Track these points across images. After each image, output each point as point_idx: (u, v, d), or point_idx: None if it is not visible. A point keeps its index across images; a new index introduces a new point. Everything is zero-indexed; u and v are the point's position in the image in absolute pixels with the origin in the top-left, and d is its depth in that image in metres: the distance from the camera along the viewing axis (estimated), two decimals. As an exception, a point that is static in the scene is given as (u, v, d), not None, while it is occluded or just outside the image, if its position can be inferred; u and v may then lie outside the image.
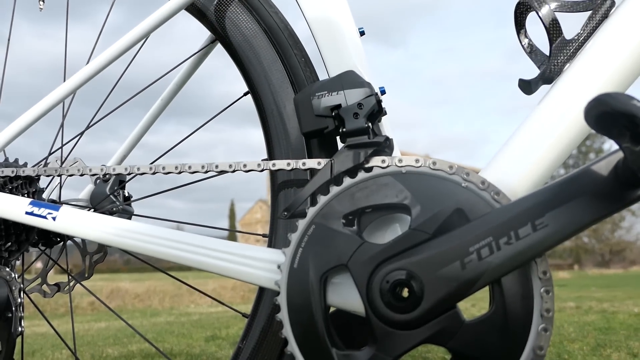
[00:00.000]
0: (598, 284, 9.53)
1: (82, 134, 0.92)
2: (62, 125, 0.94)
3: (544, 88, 0.65)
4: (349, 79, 0.66)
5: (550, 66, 0.64)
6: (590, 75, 0.61)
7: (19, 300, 0.77)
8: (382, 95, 0.68)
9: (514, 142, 0.62)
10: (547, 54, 0.65)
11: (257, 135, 0.81)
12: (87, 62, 0.83)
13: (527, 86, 0.66)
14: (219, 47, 0.88)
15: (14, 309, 0.76)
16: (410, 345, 0.57)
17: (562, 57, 0.63)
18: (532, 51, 0.68)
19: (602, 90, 0.59)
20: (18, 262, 0.93)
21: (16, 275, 0.79)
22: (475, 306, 4.15)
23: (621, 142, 0.48)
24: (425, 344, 0.57)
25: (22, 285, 0.77)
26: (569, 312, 3.77)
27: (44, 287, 0.93)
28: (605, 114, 0.46)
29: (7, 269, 0.78)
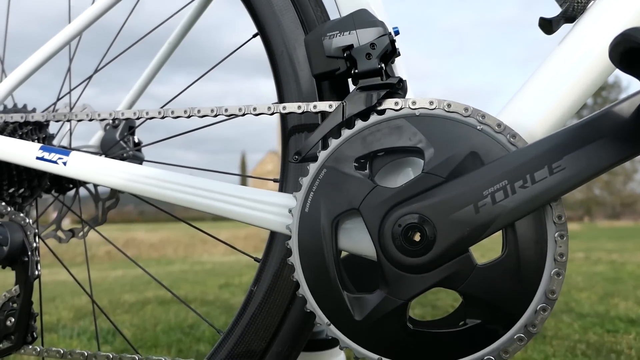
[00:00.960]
0: (608, 236, 9.56)
1: (90, 78, 0.90)
2: (69, 70, 0.92)
3: (565, 28, 0.62)
4: (361, 18, 0.63)
5: (573, 4, 0.61)
6: (616, 13, 0.58)
7: (35, 244, 0.78)
8: (395, 35, 0.66)
9: (532, 83, 0.60)
10: (571, -10, 0.61)
11: (267, 86, 0.79)
12: (92, 2, 0.81)
13: (548, 25, 0.63)
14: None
15: (29, 252, 0.77)
16: (421, 289, 0.57)
17: (586, -6, 0.60)
18: (554, -12, 0.65)
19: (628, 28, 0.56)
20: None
21: (30, 221, 0.80)
22: (484, 256, 4.19)
23: (646, 81, 0.46)
24: (436, 287, 0.57)
25: (37, 231, 0.78)
26: (578, 262, 3.79)
27: (59, 232, 0.94)
28: (632, 51, 0.44)
29: (22, 215, 0.79)
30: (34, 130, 0.87)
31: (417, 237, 0.56)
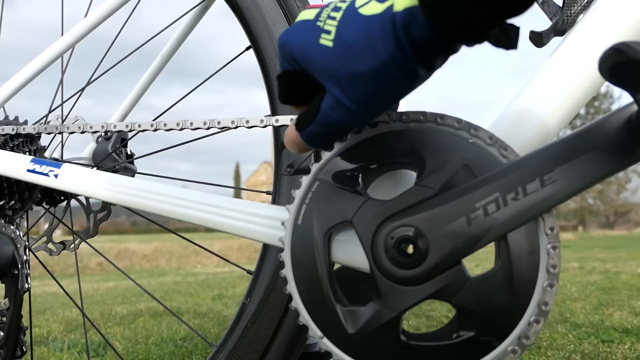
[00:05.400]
0: (602, 245, 9.59)
1: (82, 90, 0.90)
2: (61, 81, 0.92)
3: (555, 40, 0.63)
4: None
5: (563, 17, 0.61)
6: (605, 27, 0.58)
7: (25, 257, 0.78)
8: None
9: (524, 95, 0.60)
10: (560, 4, 0.62)
11: (263, 97, 0.79)
12: (85, 15, 0.81)
13: (539, 38, 0.64)
14: (221, 3, 0.85)
15: (19, 265, 0.76)
16: (414, 301, 0.57)
17: (575, 8, 0.61)
18: (544, 2, 0.65)
19: (618, 41, 0.56)
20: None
21: (21, 233, 0.79)
22: (478, 266, 4.19)
23: (636, 94, 0.47)
24: (429, 299, 0.57)
25: (27, 243, 0.78)
26: (572, 272, 3.80)
27: (50, 245, 0.93)
28: (621, 64, 0.44)
29: (12, 227, 0.78)
30: (25, 142, 0.86)
31: (409, 250, 0.56)
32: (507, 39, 0.43)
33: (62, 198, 0.93)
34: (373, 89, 0.46)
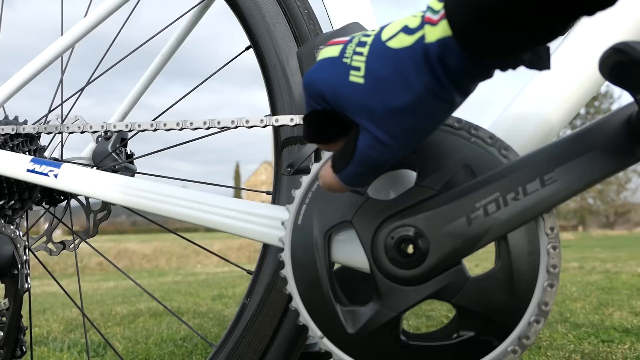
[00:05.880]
0: (602, 245, 9.60)
1: (82, 90, 0.90)
2: (61, 81, 0.92)
3: (555, 40, 0.63)
4: (353, 31, 0.63)
5: (563, 17, 0.61)
6: (605, 26, 0.58)
7: (25, 257, 0.78)
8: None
9: (524, 95, 0.60)
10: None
11: (263, 97, 0.79)
12: (85, 15, 0.81)
13: (539, 38, 0.63)
14: (221, 3, 0.85)
15: (19, 266, 0.76)
16: (414, 301, 0.57)
17: (576, 7, 0.61)
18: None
19: (618, 41, 0.56)
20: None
21: (21, 233, 0.79)
22: (478, 266, 4.19)
23: (636, 94, 0.47)
24: (429, 299, 0.57)
25: (27, 243, 0.78)
26: (572, 272, 3.80)
27: (50, 245, 0.93)
28: (621, 64, 0.44)
29: (12, 227, 0.78)
30: (25, 142, 0.86)
31: (410, 250, 0.56)
32: (539, 60, 0.43)
33: (62, 198, 0.93)
34: (411, 123, 0.46)
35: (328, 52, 0.50)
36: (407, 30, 0.44)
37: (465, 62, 0.42)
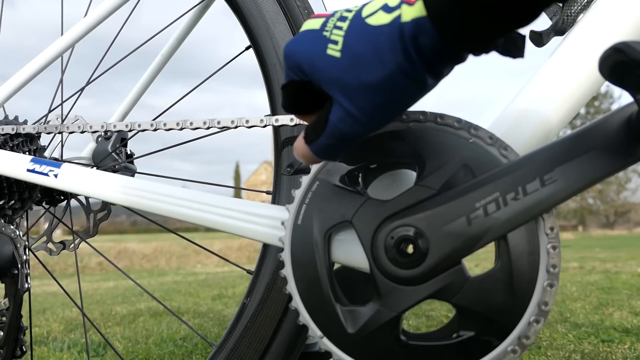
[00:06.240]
0: (602, 245, 9.59)
1: (82, 90, 0.90)
2: (61, 81, 0.92)
3: (555, 40, 0.63)
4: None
5: (563, 17, 0.61)
6: (605, 26, 0.58)
7: (25, 257, 0.78)
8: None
9: (524, 95, 0.60)
10: (560, 4, 0.62)
11: (263, 97, 0.79)
12: (85, 15, 0.81)
13: (539, 38, 0.63)
14: (221, 3, 0.85)
15: (19, 265, 0.76)
16: (414, 301, 0.57)
17: (575, 7, 0.61)
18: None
19: (618, 41, 0.56)
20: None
21: (21, 233, 0.79)
22: (478, 266, 4.19)
23: (636, 94, 0.47)
24: (429, 299, 0.57)
25: (27, 243, 0.78)
26: (572, 272, 3.80)
27: (50, 245, 0.93)
28: (621, 64, 0.44)
29: (12, 227, 0.78)
30: (25, 142, 0.86)
31: (409, 249, 0.56)
32: (514, 48, 0.44)
33: (62, 198, 0.93)
34: (382, 99, 0.46)
35: (310, 24, 0.51)
36: (386, 8, 0.45)
37: (438, 43, 0.42)
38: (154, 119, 0.77)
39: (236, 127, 0.69)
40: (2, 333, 0.76)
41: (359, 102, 0.47)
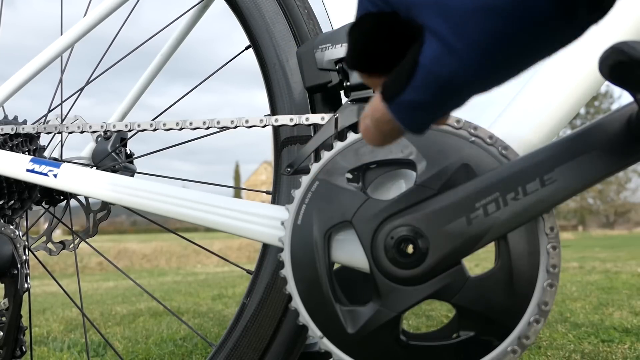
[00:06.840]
0: (602, 245, 9.59)
1: (81, 89, 0.90)
2: (60, 81, 0.92)
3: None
4: (353, 31, 0.63)
5: (563, 16, 0.61)
6: (605, 27, 0.58)
7: (24, 257, 0.78)
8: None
9: (524, 95, 0.60)
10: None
11: (263, 97, 0.79)
12: (85, 15, 0.81)
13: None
14: (221, 3, 0.85)
15: (19, 265, 0.76)
16: (414, 301, 0.57)
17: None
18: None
19: (618, 41, 0.56)
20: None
21: (20, 233, 0.79)
22: (478, 266, 4.19)
23: (636, 94, 0.47)
24: (429, 299, 0.57)
25: (26, 243, 0.77)
26: (572, 272, 3.80)
27: (49, 245, 0.93)
28: (621, 64, 0.44)
29: (11, 227, 0.78)
30: (24, 142, 0.86)
31: (409, 250, 0.56)
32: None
33: (62, 198, 0.93)
34: (499, 28, 0.29)
35: None
36: None
37: None
38: (153, 119, 0.77)
39: (236, 127, 0.69)
40: (1, 333, 0.76)
41: (465, 29, 0.29)
